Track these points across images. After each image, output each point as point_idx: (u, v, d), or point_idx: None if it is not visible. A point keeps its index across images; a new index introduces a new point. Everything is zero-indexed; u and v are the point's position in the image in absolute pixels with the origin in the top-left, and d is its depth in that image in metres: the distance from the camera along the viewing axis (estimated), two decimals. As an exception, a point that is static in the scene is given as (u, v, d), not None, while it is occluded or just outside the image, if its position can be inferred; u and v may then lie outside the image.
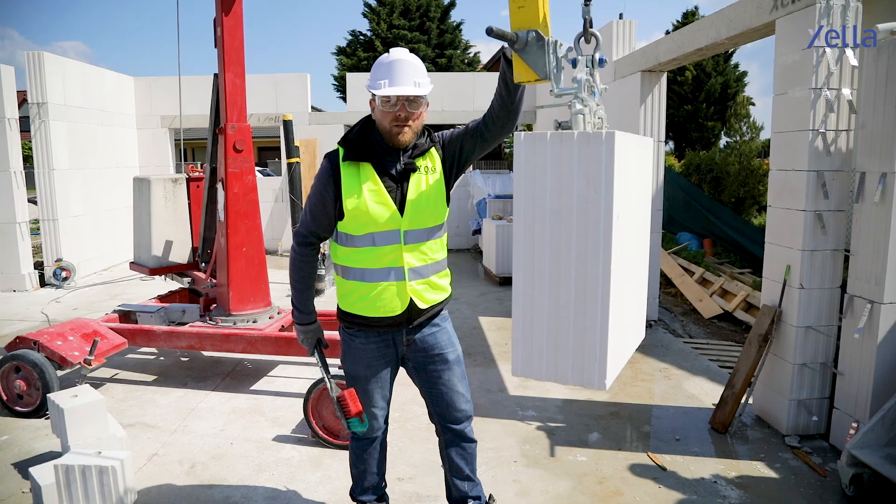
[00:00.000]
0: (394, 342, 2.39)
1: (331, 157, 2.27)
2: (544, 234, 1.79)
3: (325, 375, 2.52)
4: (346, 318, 2.39)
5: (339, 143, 2.29)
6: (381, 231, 2.22)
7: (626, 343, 2.00)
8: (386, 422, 2.57)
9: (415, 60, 2.20)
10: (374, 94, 2.19)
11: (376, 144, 2.26)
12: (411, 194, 2.24)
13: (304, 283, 2.43)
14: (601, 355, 1.77)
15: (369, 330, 2.35)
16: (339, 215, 2.24)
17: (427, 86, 2.19)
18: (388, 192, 2.22)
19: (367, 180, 2.21)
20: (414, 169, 2.25)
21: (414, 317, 2.32)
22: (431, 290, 2.35)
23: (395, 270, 2.26)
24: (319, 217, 2.29)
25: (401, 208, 2.23)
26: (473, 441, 2.57)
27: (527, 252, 1.82)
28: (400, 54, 2.20)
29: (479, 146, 2.28)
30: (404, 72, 2.16)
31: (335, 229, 2.30)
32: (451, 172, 2.33)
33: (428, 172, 2.27)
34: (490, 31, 1.82)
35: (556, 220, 1.77)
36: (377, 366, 2.40)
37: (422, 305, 2.31)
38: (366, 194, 2.20)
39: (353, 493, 2.66)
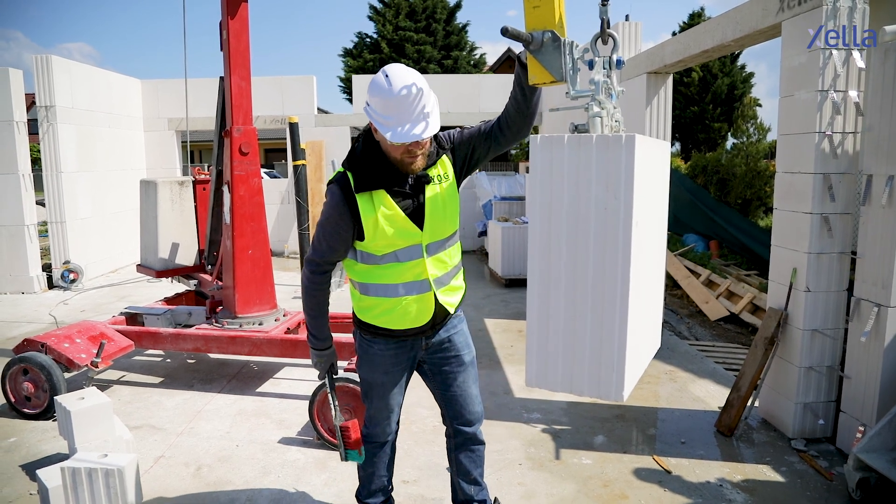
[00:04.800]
0: (412, 347, 2.39)
1: (342, 186, 2.14)
2: (560, 240, 1.73)
3: (332, 401, 2.52)
4: (365, 328, 2.36)
5: (346, 168, 2.18)
6: (404, 248, 2.19)
7: (643, 352, 1.95)
8: (397, 425, 2.58)
9: (418, 87, 1.97)
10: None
11: (387, 168, 2.15)
12: (429, 208, 2.19)
13: (320, 310, 2.36)
14: (619, 367, 1.70)
15: (389, 338, 2.34)
16: (359, 237, 2.17)
17: (436, 116, 2.03)
18: (406, 210, 2.16)
19: (383, 205, 2.13)
20: (428, 181, 2.18)
21: (437, 322, 2.33)
22: (452, 294, 2.36)
23: (419, 283, 2.24)
24: (336, 246, 2.21)
25: (420, 223, 2.19)
26: (482, 443, 2.59)
27: (542, 260, 1.76)
28: (401, 82, 1.95)
29: (493, 149, 2.24)
30: (411, 108, 1.97)
31: (353, 249, 2.24)
32: (461, 175, 2.30)
33: (441, 181, 2.22)
34: (505, 32, 1.78)
35: (572, 227, 1.70)
36: (394, 371, 2.40)
37: (448, 310, 2.33)
38: (384, 220, 2.13)
39: (360, 495, 2.66)
